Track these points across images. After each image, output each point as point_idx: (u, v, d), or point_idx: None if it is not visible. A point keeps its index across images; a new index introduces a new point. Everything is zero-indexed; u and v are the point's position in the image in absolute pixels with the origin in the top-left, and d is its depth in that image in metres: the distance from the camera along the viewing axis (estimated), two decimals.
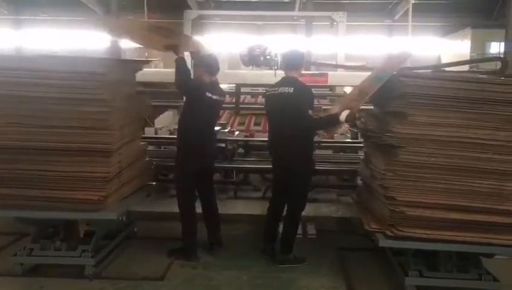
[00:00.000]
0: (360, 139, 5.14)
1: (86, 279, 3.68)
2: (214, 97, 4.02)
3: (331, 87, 8.65)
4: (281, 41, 18.66)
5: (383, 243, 3.35)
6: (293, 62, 4.09)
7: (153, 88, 6.69)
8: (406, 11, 21.67)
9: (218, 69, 4.12)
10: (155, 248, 4.33)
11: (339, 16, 9.22)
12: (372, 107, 4.42)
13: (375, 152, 3.86)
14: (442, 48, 23.84)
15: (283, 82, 4.05)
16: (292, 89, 3.91)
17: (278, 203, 4.22)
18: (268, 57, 5.25)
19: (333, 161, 5.35)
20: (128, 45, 17.67)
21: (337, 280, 3.82)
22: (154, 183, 4.72)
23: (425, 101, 3.32)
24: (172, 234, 4.34)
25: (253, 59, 5.27)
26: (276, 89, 4.02)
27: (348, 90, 8.58)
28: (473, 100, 3.30)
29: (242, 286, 3.71)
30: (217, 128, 5.13)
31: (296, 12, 15.83)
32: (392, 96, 3.55)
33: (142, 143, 4.58)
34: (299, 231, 4.83)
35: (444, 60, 22.33)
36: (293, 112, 3.87)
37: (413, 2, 20.64)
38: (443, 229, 3.28)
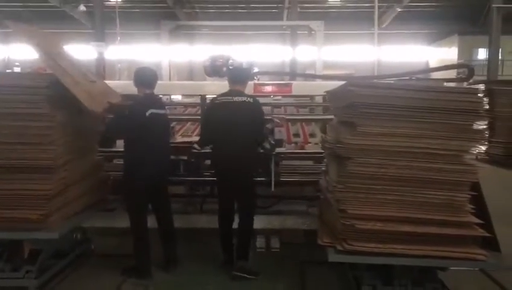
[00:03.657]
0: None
1: None
2: (155, 112, 3.89)
3: (311, 97, 8.55)
4: (264, 51, 18.65)
5: (333, 257, 3.23)
6: (241, 76, 4.22)
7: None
8: (392, 20, 21.83)
9: (151, 82, 4.02)
10: (111, 266, 4.17)
11: (316, 26, 9.17)
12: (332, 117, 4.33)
13: (331, 163, 3.76)
14: (430, 55, 23.92)
15: (236, 93, 4.08)
16: (252, 99, 4.07)
17: (227, 208, 4.16)
18: (231, 68, 5.12)
19: (300, 172, 5.25)
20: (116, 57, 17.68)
21: None
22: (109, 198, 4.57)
23: (375, 111, 3.21)
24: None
25: (216, 70, 5.16)
26: (230, 97, 4.05)
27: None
28: (424, 109, 3.18)
29: None
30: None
31: (271, 22, 15.67)
32: (343, 105, 3.46)
33: (98, 157, 4.46)
34: (263, 245, 4.73)
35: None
36: (252, 121, 4.01)
37: (399, 10, 20.80)
38: (395, 242, 3.14)
